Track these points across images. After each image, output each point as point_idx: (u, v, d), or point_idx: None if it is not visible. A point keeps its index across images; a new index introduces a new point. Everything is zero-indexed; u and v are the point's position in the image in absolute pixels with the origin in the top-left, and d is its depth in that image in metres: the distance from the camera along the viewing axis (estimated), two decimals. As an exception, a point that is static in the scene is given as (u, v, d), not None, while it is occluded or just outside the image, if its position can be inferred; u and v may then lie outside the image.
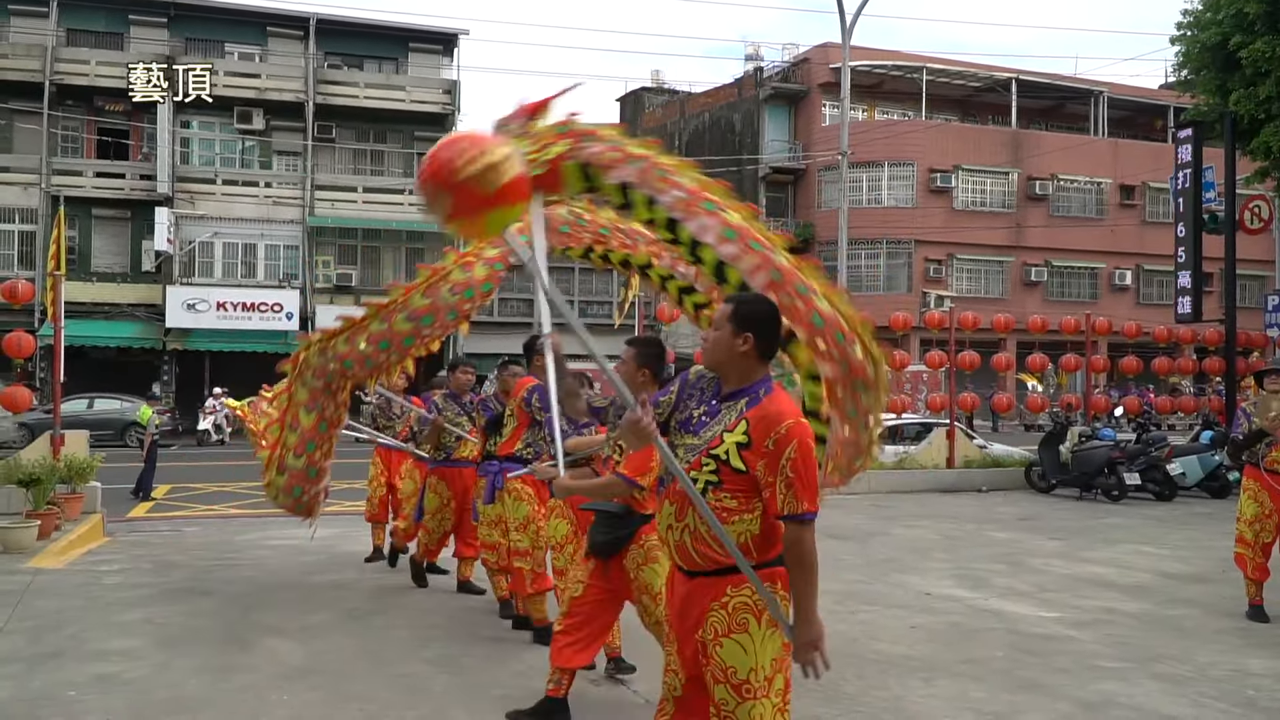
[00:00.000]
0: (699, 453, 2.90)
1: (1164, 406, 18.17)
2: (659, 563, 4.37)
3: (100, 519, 10.43)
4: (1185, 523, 11.62)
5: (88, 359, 26.12)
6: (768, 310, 3.05)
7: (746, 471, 2.82)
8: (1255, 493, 6.82)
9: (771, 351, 3.00)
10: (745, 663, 2.83)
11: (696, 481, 2.87)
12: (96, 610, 6.79)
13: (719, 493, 2.86)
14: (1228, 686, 5.25)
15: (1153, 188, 36.49)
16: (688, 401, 3.05)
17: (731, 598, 2.87)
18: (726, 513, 2.85)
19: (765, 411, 2.84)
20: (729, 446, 2.84)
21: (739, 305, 3.00)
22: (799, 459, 2.77)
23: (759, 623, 2.85)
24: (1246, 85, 15.91)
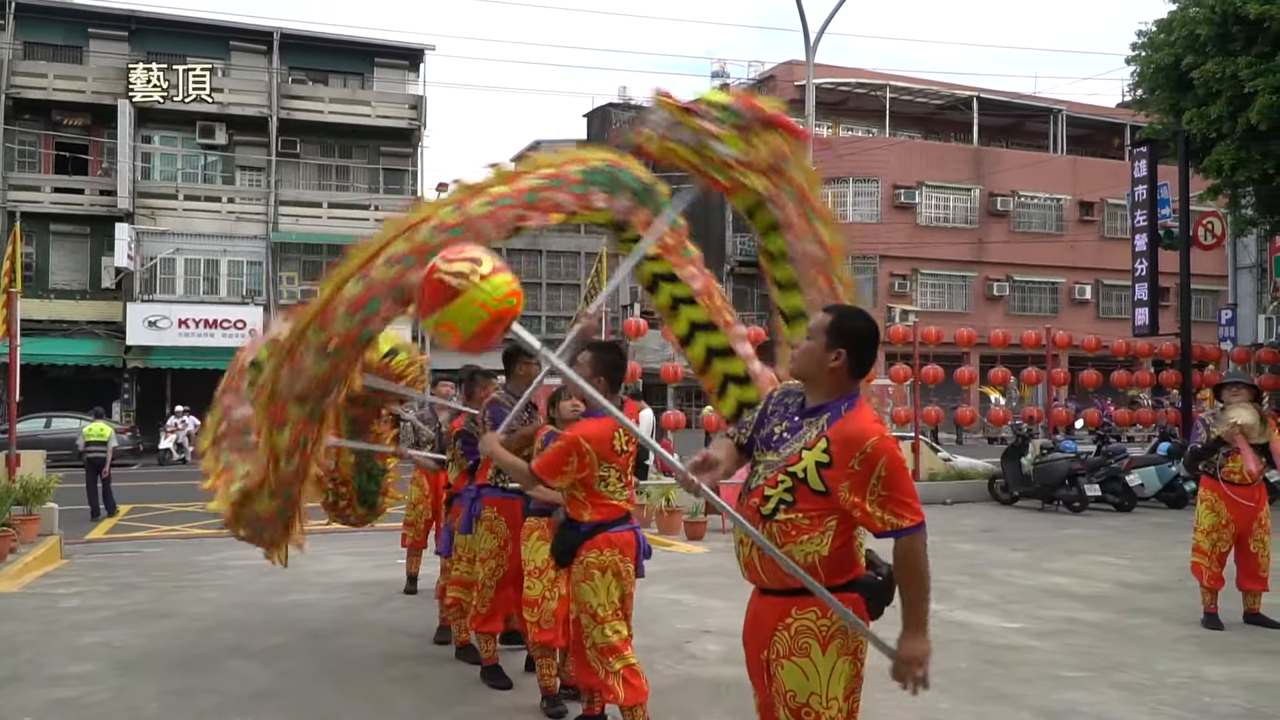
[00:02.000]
0: (776, 469, 2.78)
1: (1123, 419, 18.43)
2: (594, 581, 4.26)
3: (58, 541, 10.26)
4: (1144, 533, 11.80)
5: (45, 377, 25.69)
6: (866, 327, 2.87)
7: (826, 492, 2.70)
8: (1212, 503, 6.90)
9: (864, 370, 2.84)
10: (805, 687, 2.76)
11: (770, 499, 2.76)
12: (53, 634, 6.67)
13: (791, 511, 2.74)
14: (1184, 693, 5.33)
15: (1111, 204, 37.13)
16: (771, 417, 2.93)
17: (795, 620, 2.79)
18: (796, 531, 2.74)
19: (846, 429, 2.70)
20: (808, 465, 2.71)
21: (837, 318, 2.86)
22: (889, 475, 2.64)
23: (822, 649, 2.75)
24: (1199, 105, 16.24)
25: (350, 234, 29.94)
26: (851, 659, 2.79)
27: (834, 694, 2.76)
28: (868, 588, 2.83)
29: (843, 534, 2.76)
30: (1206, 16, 15.93)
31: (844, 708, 2.78)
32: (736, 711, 5.06)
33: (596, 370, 4.27)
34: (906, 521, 2.66)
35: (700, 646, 6.32)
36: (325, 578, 8.84)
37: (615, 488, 4.33)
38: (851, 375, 2.82)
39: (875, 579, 2.85)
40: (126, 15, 29.48)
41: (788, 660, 2.77)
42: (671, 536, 11.16)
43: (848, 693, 2.79)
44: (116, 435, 23.16)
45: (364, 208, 30.77)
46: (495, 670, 5.47)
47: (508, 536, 5.39)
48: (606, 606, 4.26)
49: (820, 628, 2.76)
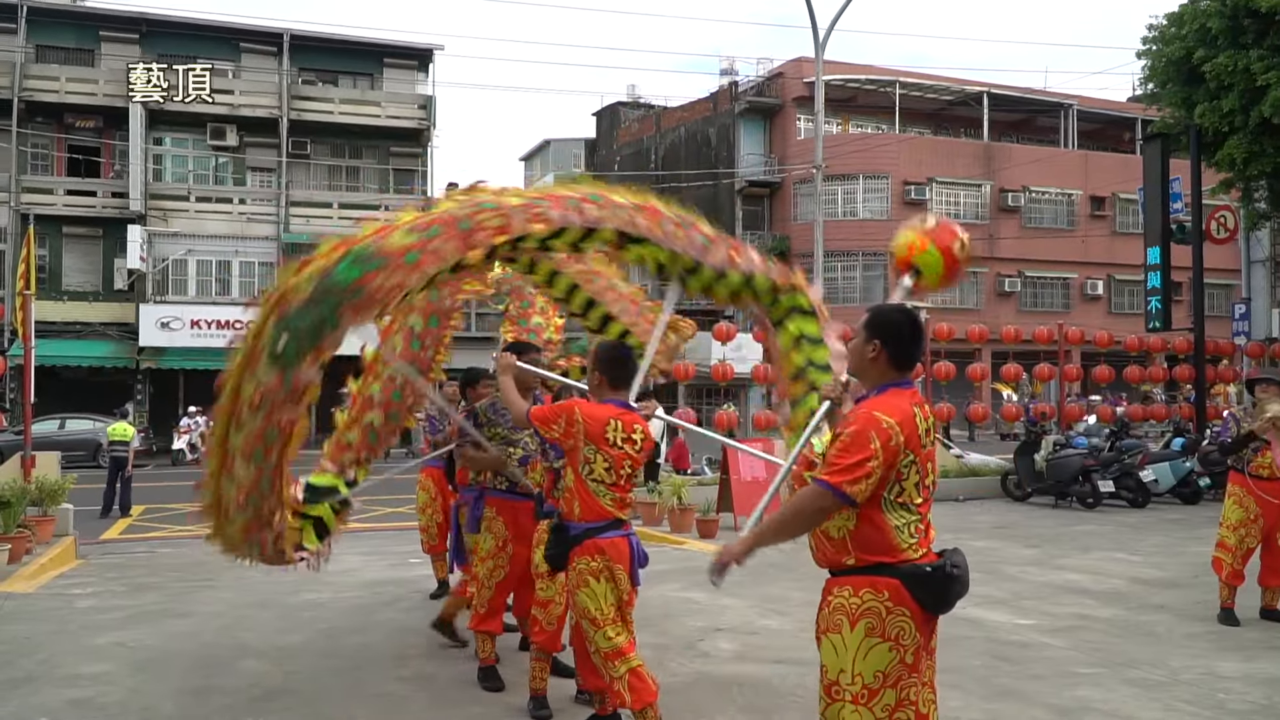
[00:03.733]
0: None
1: (1136, 414, 18.33)
2: (589, 587, 4.28)
3: (73, 541, 10.32)
4: (1158, 529, 11.74)
5: (59, 379, 25.85)
6: (899, 318, 3.05)
7: None
8: (1240, 498, 6.83)
9: (905, 359, 3.01)
10: (835, 664, 2.85)
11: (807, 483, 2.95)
12: (69, 634, 6.72)
13: None
14: (1199, 690, 5.31)
15: (1122, 199, 36.96)
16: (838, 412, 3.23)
17: (834, 597, 2.91)
18: None
19: (855, 412, 2.95)
20: (823, 449, 2.98)
21: (872, 313, 3.08)
22: (845, 437, 2.83)
23: (851, 625, 2.83)
24: (1210, 99, 16.17)
25: (361, 234, 30.06)
26: (885, 643, 2.80)
27: (860, 673, 2.79)
28: (910, 575, 2.84)
29: (866, 513, 2.84)
30: (1217, 9, 15.85)
31: (871, 692, 2.79)
32: (749, 709, 5.07)
33: (593, 365, 4.48)
34: (824, 473, 2.83)
35: (713, 645, 6.32)
36: (338, 577, 8.86)
37: (602, 482, 4.30)
38: (894, 365, 2.99)
39: (922, 569, 2.86)
40: (137, 18, 29.62)
41: (824, 636, 2.90)
42: (684, 534, 11.16)
43: (878, 678, 2.80)
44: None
45: (374, 208, 30.79)
46: (490, 672, 5.42)
47: (507, 537, 5.35)
48: (605, 611, 4.26)
49: (851, 605, 2.84)
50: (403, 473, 7.45)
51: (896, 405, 2.89)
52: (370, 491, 17.60)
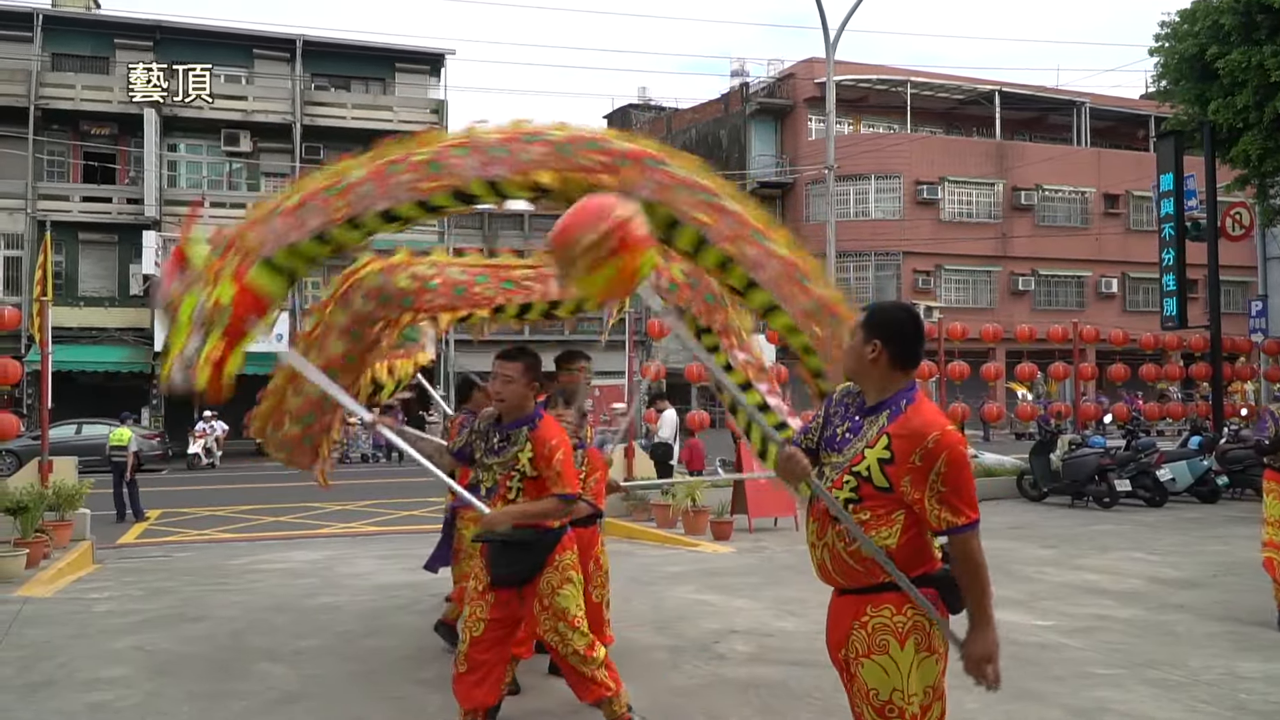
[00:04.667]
0: (841, 470, 2.81)
1: (1152, 413, 18.25)
2: (574, 585, 4.21)
3: (90, 546, 10.38)
4: (1176, 528, 11.66)
5: (75, 384, 26.03)
6: (900, 316, 2.90)
7: (890, 489, 2.73)
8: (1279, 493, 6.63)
9: (909, 359, 2.84)
10: (887, 684, 2.75)
11: (837, 500, 2.80)
12: (87, 638, 6.75)
13: (859, 509, 2.77)
14: (1219, 690, 5.27)
15: (1136, 196, 36.78)
16: (833, 419, 2.96)
17: (871, 617, 2.79)
18: (864, 527, 2.77)
19: (909, 424, 2.73)
20: (871, 463, 2.75)
21: (869, 312, 2.92)
22: (949, 471, 2.67)
23: (900, 644, 2.75)
24: (1224, 95, 16.08)
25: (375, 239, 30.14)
26: (932, 656, 2.78)
27: (915, 690, 2.74)
28: (942, 582, 2.81)
29: (910, 528, 2.77)
30: (1230, 6, 15.77)
31: (925, 709, 2.76)
32: (765, 711, 5.05)
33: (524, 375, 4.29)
34: (962, 519, 2.68)
35: (728, 647, 6.31)
36: (354, 580, 8.90)
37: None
38: (896, 366, 2.83)
39: (947, 572, 2.84)
40: (151, 26, 29.81)
41: (867, 659, 2.78)
42: (698, 536, 11.15)
43: (930, 690, 2.77)
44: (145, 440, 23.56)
45: (387, 212, 30.95)
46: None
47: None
48: (579, 608, 4.25)
49: (896, 624, 2.76)
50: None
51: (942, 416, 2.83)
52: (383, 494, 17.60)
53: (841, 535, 2.80)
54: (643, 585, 8.30)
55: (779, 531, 11.81)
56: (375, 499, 15.88)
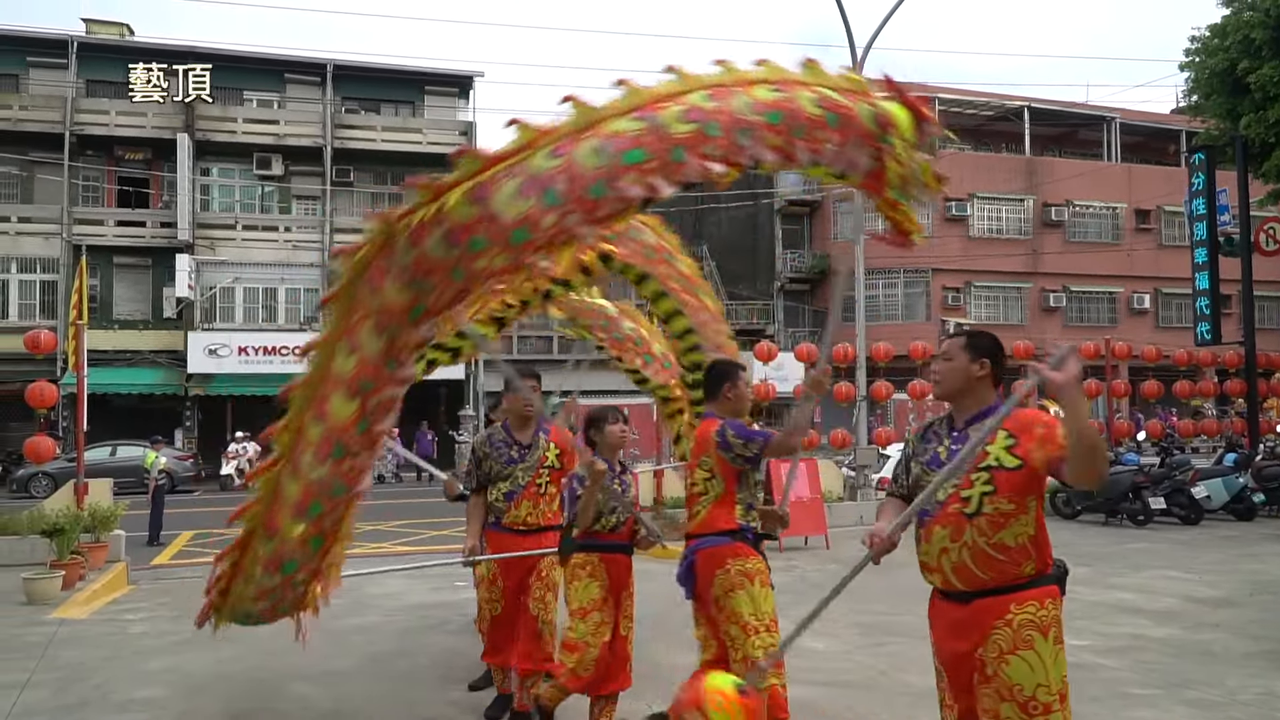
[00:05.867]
0: (965, 474, 3.01)
1: (1186, 430, 18.02)
2: (745, 590, 4.19)
3: (124, 567, 10.47)
4: (1211, 546, 11.49)
5: (110, 406, 26.37)
6: (996, 342, 3.24)
7: (1021, 464, 2.95)
8: None
9: (1000, 376, 3.17)
10: (1032, 679, 2.87)
11: (970, 499, 2.97)
12: (122, 660, 6.82)
13: (995, 499, 2.96)
14: (1257, 710, 5.19)
15: (1168, 211, 36.40)
16: (925, 450, 3.22)
17: (1015, 614, 2.93)
18: (1003, 518, 2.95)
19: (1020, 417, 3.01)
20: (997, 452, 2.98)
21: (971, 337, 3.23)
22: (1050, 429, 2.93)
23: (1045, 637, 2.90)
24: (1256, 109, 15.96)
25: (402, 260, 30.42)
26: (1061, 646, 2.96)
27: (1055, 681, 2.90)
28: (1064, 573, 3.10)
29: (1041, 517, 3.04)
30: (1261, 20, 15.66)
31: (1062, 697, 2.90)
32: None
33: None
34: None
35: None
36: (385, 601, 8.94)
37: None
38: (992, 382, 3.17)
39: (1063, 569, 3.10)
40: (185, 52, 30.30)
41: (1013, 655, 2.89)
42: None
43: (1064, 679, 2.93)
44: (179, 462, 23.80)
45: (416, 234, 31.20)
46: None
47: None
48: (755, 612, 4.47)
49: (1040, 618, 2.93)
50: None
51: None
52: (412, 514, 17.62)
53: (982, 529, 2.95)
54: (673, 604, 8.27)
55: (809, 550, 11.74)
56: (405, 519, 15.95)
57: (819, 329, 35.92)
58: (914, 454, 3.26)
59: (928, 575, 3.13)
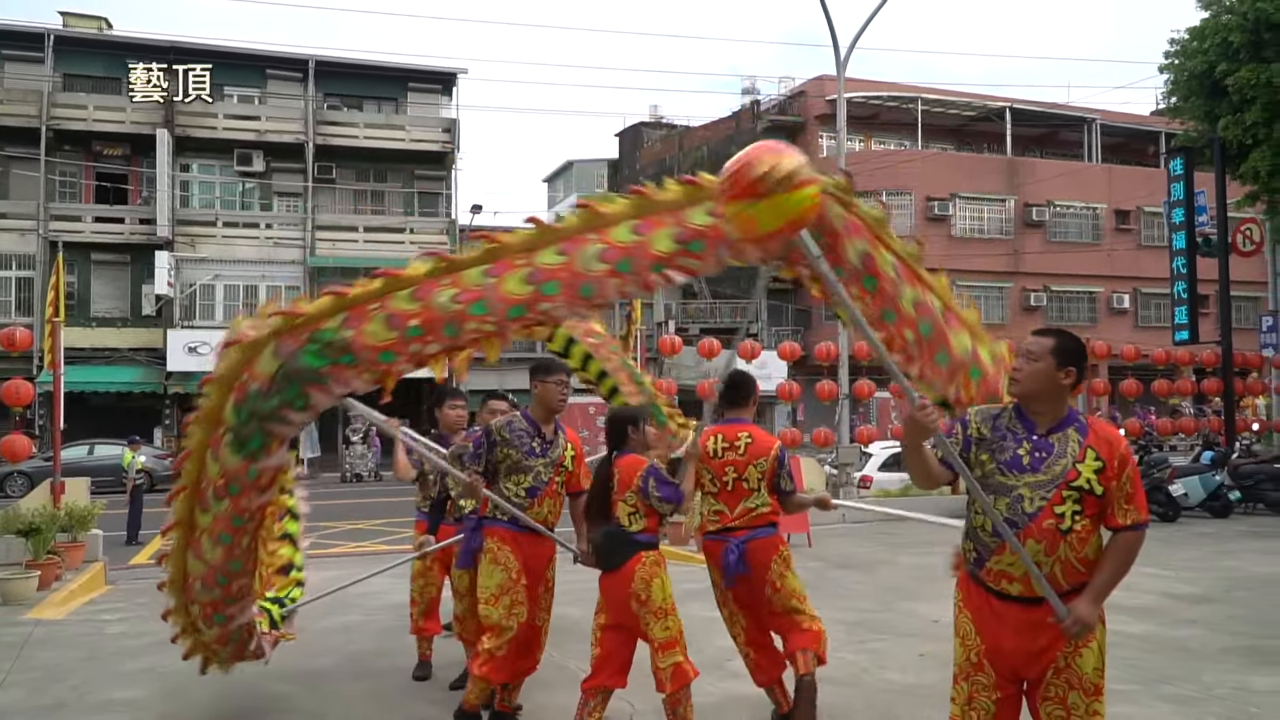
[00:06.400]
0: (1055, 487, 3.03)
1: (1165, 428, 18.17)
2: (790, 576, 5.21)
3: (102, 567, 10.38)
4: (1189, 543, 11.61)
5: (88, 405, 26.15)
6: (1082, 345, 3.23)
7: (1104, 493, 3.04)
8: None
9: (1080, 382, 3.20)
10: (1092, 664, 3.13)
11: (1064, 517, 3.03)
12: (99, 660, 6.76)
13: (1082, 519, 3.04)
14: (1233, 705, 5.25)
15: (1147, 212, 36.71)
16: (1002, 441, 3.16)
17: None
18: (1087, 534, 3.07)
19: (1101, 436, 3.08)
20: (1088, 475, 3.03)
21: (1061, 340, 3.17)
22: (1134, 476, 3.07)
23: (1104, 628, 3.18)
24: (1233, 111, 16.09)
25: (387, 257, 30.32)
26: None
27: (1104, 664, 3.18)
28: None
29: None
30: (1239, 23, 15.80)
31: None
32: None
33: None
34: (1144, 516, 3.09)
35: (741, 665, 6.26)
36: (366, 600, 8.90)
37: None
38: (1074, 389, 3.18)
39: None
40: (165, 46, 30.07)
41: (1086, 648, 3.11)
42: (708, 554, 11.10)
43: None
44: (158, 460, 23.64)
45: (399, 231, 31.12)
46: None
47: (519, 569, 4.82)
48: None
49: (1102, 613, 3.14)
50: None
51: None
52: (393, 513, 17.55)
53: (1073, 545, 3.04)
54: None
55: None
56: (386, 517, 15.89)
57: (801, 328, 36.01)
58: (982, 440, 3.19)
59: (1005, 584, 3.11)
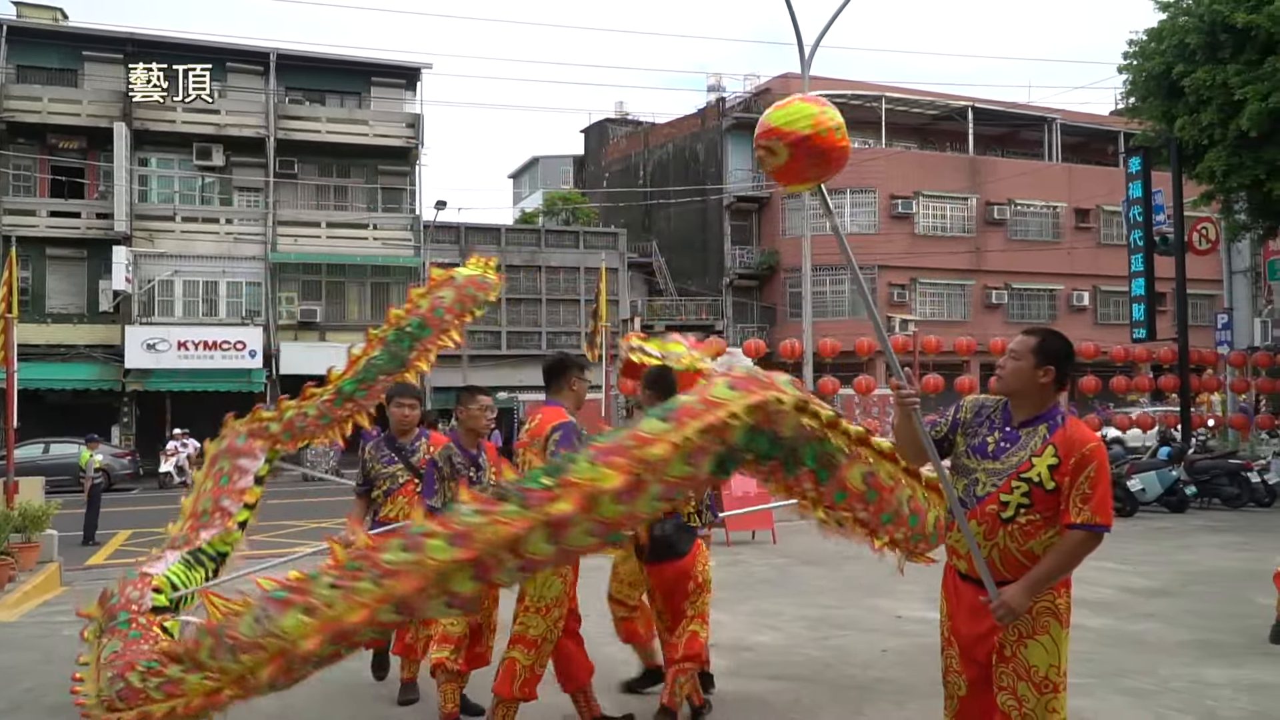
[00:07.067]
0: (1007, 476, 3.14)
1: (1123, 424, 18.45)
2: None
3: (57, 568, 10.22)
4: (1146, 537, 11.79)
5: (43, 403, 25.69)
6: (1067, 345, 3.29)
7: (1057, 489, 3.08)
8: None
9: (1064, 381, 3.24)
10: (1046, 661, 3.10)
11: (1008, 504, 3.12)
12: (54, 663, 6.64)
13: (1031, 513, 3.11)
14: (1189, 697, 5.34)
15: (1106, 211, 37.23)
16: (976, 427, 3.29)
17: (1036, 602, 3.11)
18: (1034, 529, 3.11)
19: (1070, 435, 3.12)
20: (1041, 470, 3.10)
21: (1044, 340, 3.26)
22: (1098, 476, 3.05)
23: (1060, 625, 3.13)
24: (1190, 112, 16.33)
25: (349, 253, 30.09)
26: (1068, 631, 3.19)
27: (1063, 662, 3.14)
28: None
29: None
30: (1195, 25, 16.04)
31: (1065, 675, 3.16)
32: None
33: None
34: (1100, 519, 3.05)
35: (742, 661, 6.27)
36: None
37: None
38: (1055, 387, 3.23)
39: None
40: (123, 38, 29.58)
41: (1031, 639, 3.12)
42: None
43: (1066, 658, 3.17)
44: (116, 459, 23.29)
45: (362, 227, 30.86)
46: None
47: None
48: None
49: (1057, 606, 3.15)
50: None
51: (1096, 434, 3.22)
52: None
53: (1014, 535, 3.12)
54: (619, 600, 8.27)
55: (756, 545, 11.82)
56: (349, 515, 15.75)
57: (766, 325, 36.15)
58: (963, 425, 3.34)
59: (954, 559, 3.31)
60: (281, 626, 3.28)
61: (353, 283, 30.90)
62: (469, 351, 30.19)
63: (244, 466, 5.72)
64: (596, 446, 3.28)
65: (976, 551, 3.14)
